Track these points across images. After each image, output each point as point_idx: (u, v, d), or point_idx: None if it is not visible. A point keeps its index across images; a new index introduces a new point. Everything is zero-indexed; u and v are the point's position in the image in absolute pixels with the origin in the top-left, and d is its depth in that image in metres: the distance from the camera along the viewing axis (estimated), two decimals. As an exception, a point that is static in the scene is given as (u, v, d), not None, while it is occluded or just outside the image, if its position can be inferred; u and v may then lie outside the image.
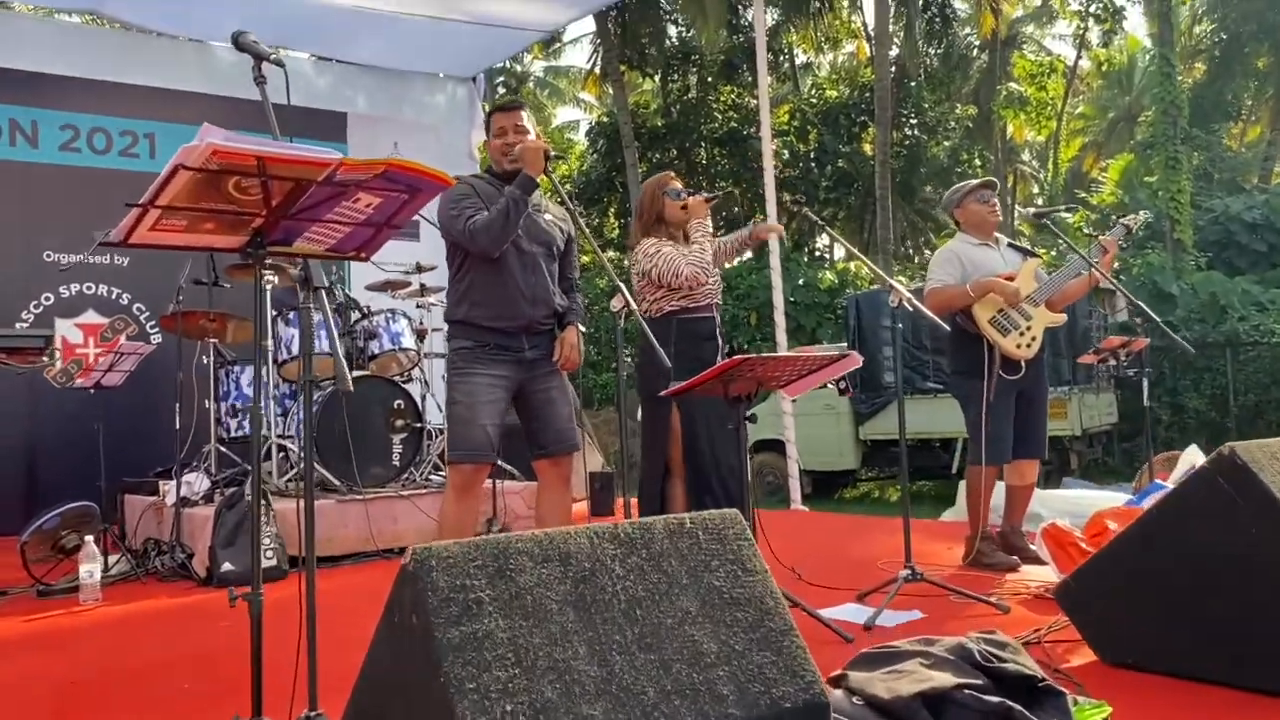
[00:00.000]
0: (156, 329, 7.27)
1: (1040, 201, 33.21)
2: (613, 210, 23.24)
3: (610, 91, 23.85)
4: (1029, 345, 4.32)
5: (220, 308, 5.50)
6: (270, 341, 5.51)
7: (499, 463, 5.66)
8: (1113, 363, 5.31)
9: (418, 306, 6.14)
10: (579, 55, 30.44)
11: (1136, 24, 29.90)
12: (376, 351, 5.78)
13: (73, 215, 7.01)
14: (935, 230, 26.91)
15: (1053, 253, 16.45)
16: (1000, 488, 4.59)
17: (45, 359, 5.63)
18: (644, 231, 4.31)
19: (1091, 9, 21.49)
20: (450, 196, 3.48)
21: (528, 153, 3.37)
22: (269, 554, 4.71)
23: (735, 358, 3.04)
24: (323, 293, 2.14)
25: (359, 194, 1.79)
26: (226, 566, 4.63)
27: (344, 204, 1.81)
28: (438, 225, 3.57)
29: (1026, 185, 31.77)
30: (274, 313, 5.63)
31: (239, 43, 2.41)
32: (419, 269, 6.07)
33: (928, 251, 27.49)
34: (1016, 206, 28.71)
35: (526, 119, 3.62)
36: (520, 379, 3.52)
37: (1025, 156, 31.95)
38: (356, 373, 5.69)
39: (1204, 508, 2.63)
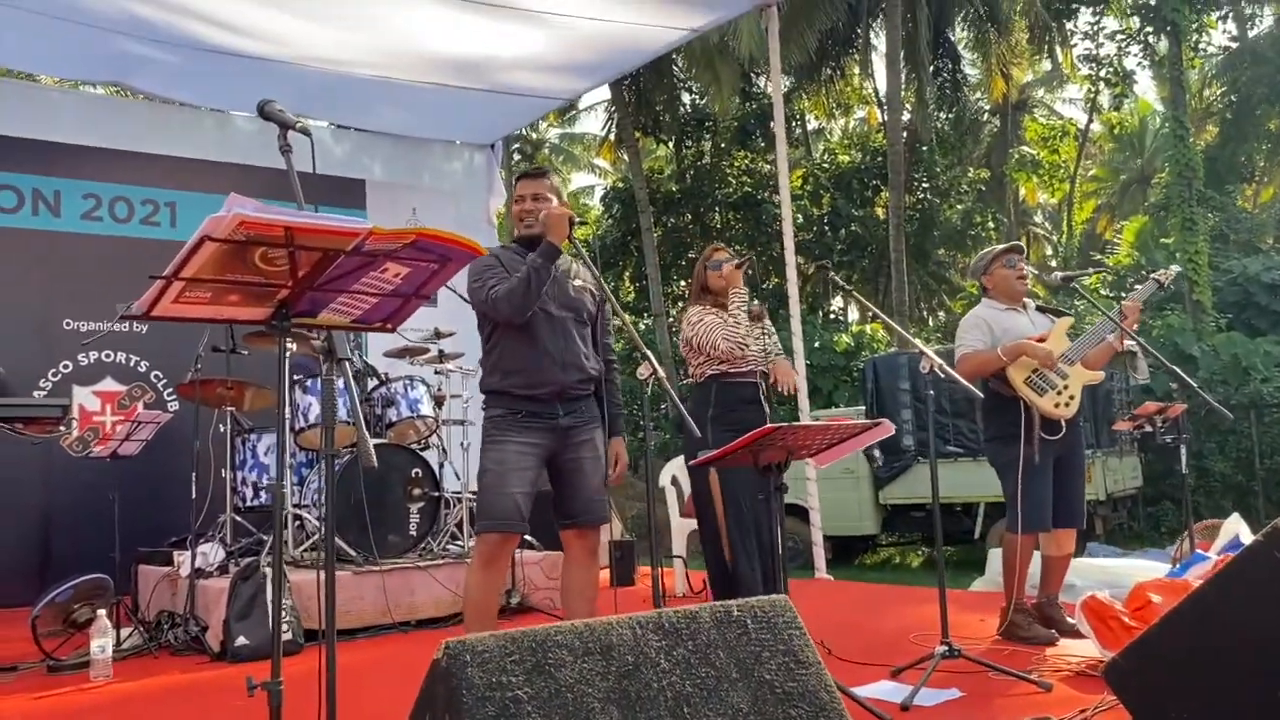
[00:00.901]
0: (174, 397, 7.24)
1: (1054, 263, 33.24)
2: (628, 274, 23.33)
3: (625, 157, 24.10)
4: (1068, 404, 4.23)
5: (238, 375, 5.47)
6: (288, 409, 5.46)
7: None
8: (1149, 429, 5.21)
9: (436, 373, 6.08)
10: (594, 122, 30.92)
11: (1146, 87, 30.12)
12: (394, 419, 5.71)
13: (93, 283, 7.04)
14: (949, 293, 26.90)
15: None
16: (1035, 557, 4.47)
17: (62, 428, 5.60)
18: (694, 300, 4.53)
19: (1102, 73, 21.65)
20: (474, 268, 3.44)
21: (551, 219, 3.33)
22: (284, 627, 4.61)
23: (766, 426, 2.96)
24: (345, 363, 2.09)
25: (387, 264, 1.74)
26: (241, 640, 4.52)
27: (372, 274, 1.76)
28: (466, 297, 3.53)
29: (1040, 247, 31.77)
30: (292, 380, 5.59)
31: (265, 111, 2.38)
32: (438, 335, 6.03)
33: (942, 314, 27.46)
34: (1030, 269, 28.68)
35: (550, 186, 3.60)
36: (553, 446, 3.43)
37: (1038, 219, 32.04)
38: (375, 441, 5.63)
39: (1261, 584, 2.51)
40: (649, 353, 3.14)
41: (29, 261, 6.86)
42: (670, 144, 23.91)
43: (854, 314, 26.97)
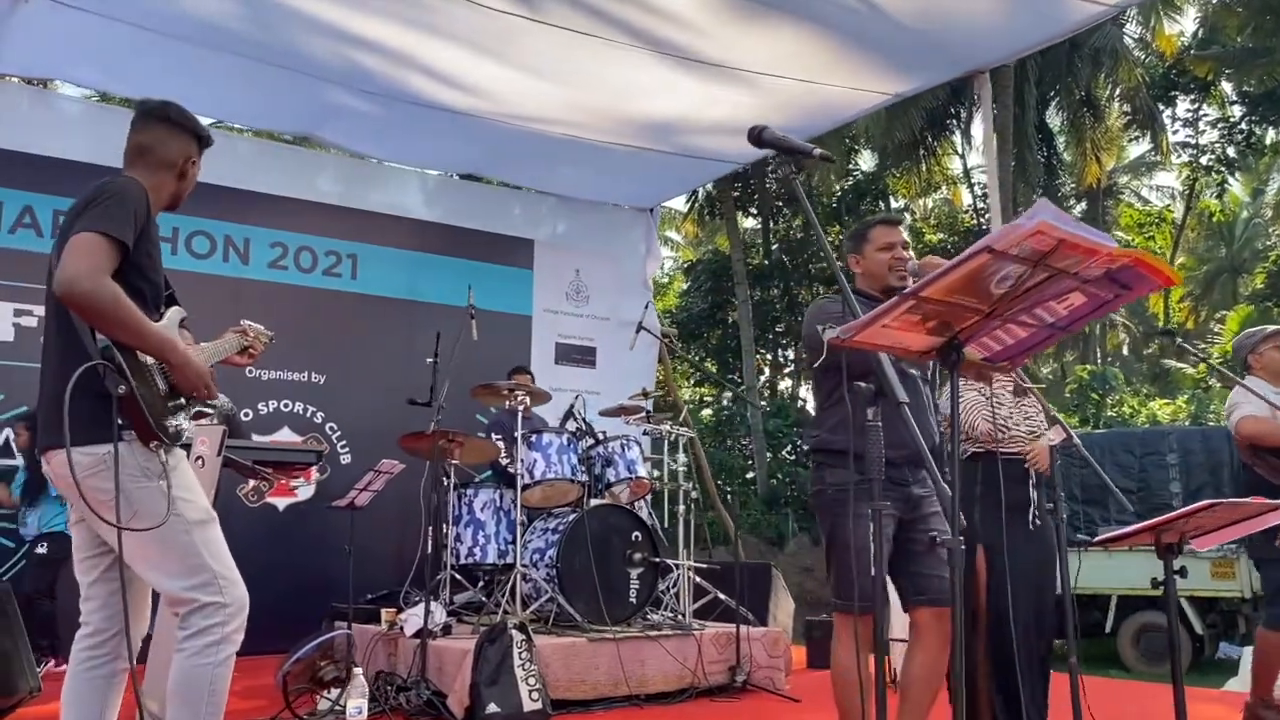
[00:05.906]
0: (347, 448, 7.11)
1: (1126, 351, 32.57)
2: (714, 342, 23.21)
3: (700, 234, 24.14)
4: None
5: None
6: (520, 465, 5.27)
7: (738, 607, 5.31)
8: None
9: (645, 433, 5.89)
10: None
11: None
12: (613, 479, 5.51)
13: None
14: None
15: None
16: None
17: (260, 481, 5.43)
18: None
19: (1203, 160, 21.40)
20: (823, 313, 3.26)
21: (926, 270, 3.14)
22: (534, 695, 4.37)
23: (1205, 501, 2.70)
24: (904, 407, 1.88)
25: (1071, 293, 1.54)
26: (491, 708, 4.27)
27: (1050, 303, 1.56)
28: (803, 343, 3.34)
29: (1115, 333, 31.24)
30: (512, 435, 5.42)
31: (762, 138, 2.23)
32: (645, 395, 5.85)
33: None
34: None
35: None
36: (903, 517, 3.19)
37: (1114, 305, 31.43)
38: (595, 501, 5.43)
39: None
40: (1059, 416, 2.90)
41: (219, 306, 6.74)
42: (758, 218, 23.89)
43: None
